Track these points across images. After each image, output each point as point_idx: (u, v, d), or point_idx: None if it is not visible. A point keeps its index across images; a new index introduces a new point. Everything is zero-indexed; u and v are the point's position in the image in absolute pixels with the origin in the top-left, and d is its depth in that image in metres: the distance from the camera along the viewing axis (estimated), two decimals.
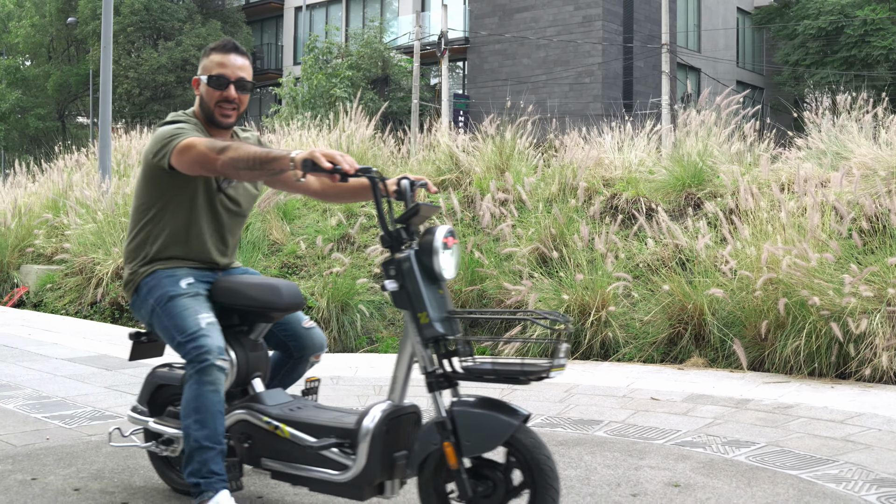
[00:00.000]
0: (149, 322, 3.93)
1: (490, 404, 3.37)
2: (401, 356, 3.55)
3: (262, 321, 3.98)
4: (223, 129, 4.02)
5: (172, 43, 43.95)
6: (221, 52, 3.99)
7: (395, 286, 3.43)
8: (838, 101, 10.67)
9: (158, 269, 3.91)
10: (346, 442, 3.50)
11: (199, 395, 3.60)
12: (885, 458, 4.96)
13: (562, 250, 8.94)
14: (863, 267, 7.29)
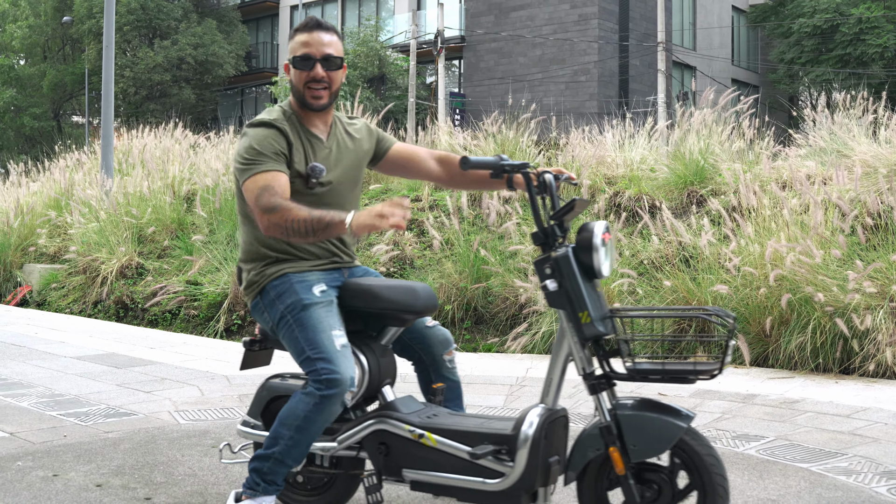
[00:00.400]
0: (272, 328, 3.72)
1: (653, 406, 3.27)
2: (555, 358, 3.40)
3: (396, 325, 3.78)
4: (320, 113, 3.79)
5: (168, 42, 43.97)
6: (305, 31, 3.76)
7: (555, 285, 3.31)
8: (836, 99, 10.74)
9: (288, 273, 3.69)
10: (504, 448, 3.35)
11: (310, 420, 3.46)
12: (893, 451, 5.03)
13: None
14: (867, 263, 7.37)
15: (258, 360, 4.07)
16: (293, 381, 3.94)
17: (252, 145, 3.61)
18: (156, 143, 15.61)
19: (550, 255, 3.33)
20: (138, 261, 11.44)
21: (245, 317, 9.87)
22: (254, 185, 3.54)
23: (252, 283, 3.76)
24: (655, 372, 3.23)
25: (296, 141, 3.69)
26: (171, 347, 8.70)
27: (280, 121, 3.70)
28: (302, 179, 3.67)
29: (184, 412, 6.03)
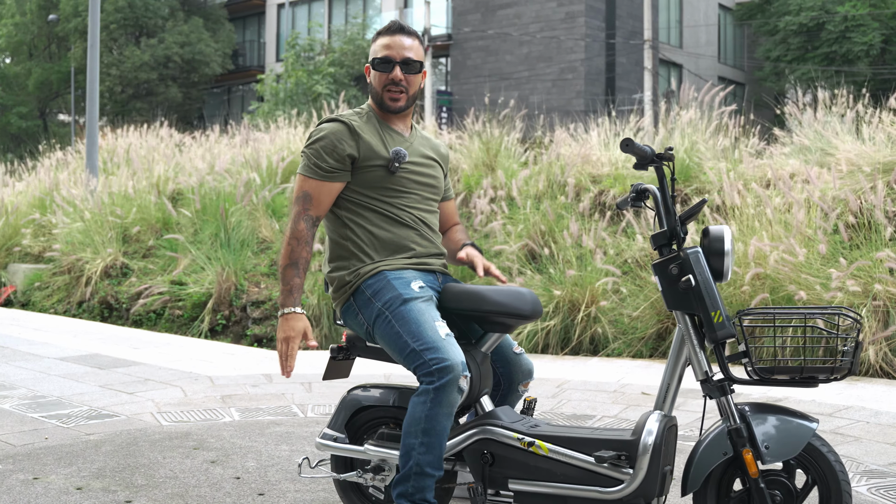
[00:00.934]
0: (367, 331, 3.60)
1: (776, 409, 3.27)
2: (673, 363, 3.36)
3: (500, 330, 3.64)
4: (398, 115, 3.78)
5: (155, 40, 43.85)
6: (387, 34, 3.77)
7: (694, 282, 3.25)
8: (820, 97, 10.76)
9: (384, 270, 3.60)
10: (623, 455, 3.27)
11: (433, 417, 3.33)
12: (874, 449, 5.04)
13: (551, 247, 9.02)
14: (850, 262, 7.39)
15: (340, 370, 3.94)
16: (377, 391, 3.82)
17: (318, 142, 3.65)
18: (141, 143, 15.57)
19: (679, 254, 3.31)
20: (123, 261, 11.41)
21: (230, 317, 9.85)
22: (300, 186, 3.64)
23: (344, 283, 3.65)
24: (786, 372, 3.21)
25: (372, 134, 3.68)
26: (154, 348, 8.68)
27: (350, 117, 3.71)
28: (383, 168, 3.64)
29: (166, 413, 6.01)
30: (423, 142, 3.87)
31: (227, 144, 14.49)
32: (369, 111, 3.77)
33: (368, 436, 3.80)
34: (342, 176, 3.62)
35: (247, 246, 10.65)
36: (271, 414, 6.04)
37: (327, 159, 3.59)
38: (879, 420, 5.68)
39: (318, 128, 3.71)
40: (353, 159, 3.62)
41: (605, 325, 8.25)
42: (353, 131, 3.64)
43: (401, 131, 3.77)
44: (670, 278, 3.31)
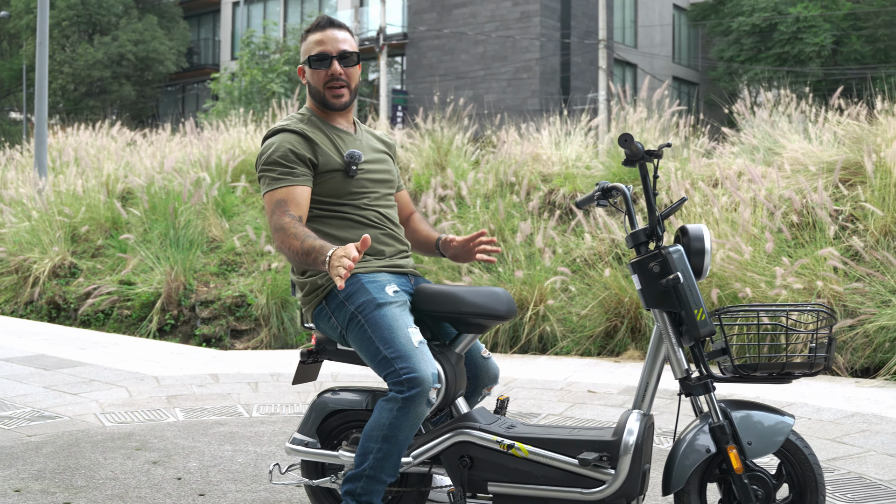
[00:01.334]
0: (340, 334, 3.53)
1: (756, 405, 3.30)
2: (652, 361, 3.36)
3: (474, 331, 3.59)
4: (343, 113, 3.71)
5: (108, 38, 43.46)
6: (317, 30, 3.68)
7: (681, 278, 3.24)
8: (769, 97, 10.87)
9: (357, 273, 3.52)
10: (605, 456, 3.27)
11: (396, 426, 3.28)
12: (815, 445, 5.09)
13: (501, 246, 9.04)
14: (794, 260, 7.46)
15: (308, 374, 3.88)
16: (347, 395, 3.75)
17: (272, 156, 3.53)
18: (91, 141, 15.43)
19: (660, 251, 3.29)
20: (71, 260, 11.30)
21: (179, 317, 9.79)
22: (270, 200, 3.49)
23: (317, 287, 3.57)
24: (765, 368, 3.24)
25: (321, 138, 3.60)
26: (102, 348, 8.60)
27: (296, 124, 3.61)
28: (341, 173, 3.57)
29: (110, 414, 5.96)
30: (369, 137, 3.82)
31: (179, 143, 14.39)
32: (310, 115, 3.69)
33: (340, 440, 3.74)
34: (308, 179, 3.52)
35: (196, 245, 10.59)
36: (216, 414, 6.01)
37: (289, 165, 3.49)
38: (821, 416, 5.75)
39: (267, 142, 3.60)
40: (313, 164, 3.54)
41: (553, 323, 8.28)
42: (307, 138, 3.56)
43: (346, 129, 3.71)
44: (651, 277, 3.31)
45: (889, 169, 8.07)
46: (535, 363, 7.75)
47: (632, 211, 3.40)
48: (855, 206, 8.14)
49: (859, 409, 5.89)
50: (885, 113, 9.15)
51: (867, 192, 8.11)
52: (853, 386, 6.65)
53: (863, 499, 4.20)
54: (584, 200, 3.58)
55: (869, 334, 7.13)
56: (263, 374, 7.30)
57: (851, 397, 6.26)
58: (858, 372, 7.13)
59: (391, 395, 3.28)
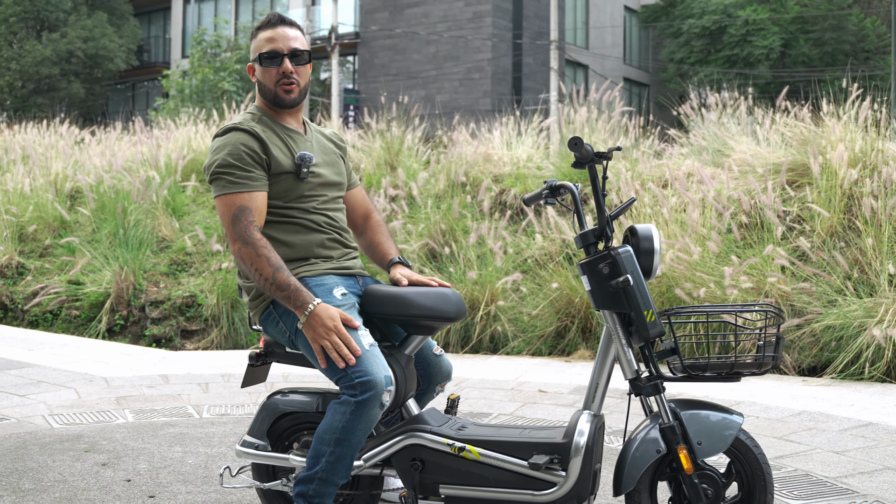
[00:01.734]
0: (289, 339, 3.49)
1: (704, 405, 3.31)
2: (601, 362, 3.36)
3: (423, 333, 3.57)
4: (292, 111, 3.67)
5: (57, 34, 42.90)
6: (268, 27, 3.64)
7: (631, 280, 3.24)
8: (717, 99, 10.97)
9: (305, 277, 3.48)
10: (556, 458, 3.28)
11: (349, 429, 3.26)
12: (763, 443, 5.15)
13: (452, 246, 9.05)
14: (742, 259, 7.55)
15: (258, 376, 3.82)
16: (298, 397, 3.72)
17: (224, 158, 3.46)
18: (39, 139, 15.25)
19: (609, 252, 3.29)
20: (19, 260, 11.17)
21: (128, 317, 9.71)
22: (228, 204, 3.42)
23: (261, 293, 3.52)
24: (714, 368, 3.25)
25: (273, 138, 3.55)
26: (50, 349, 8.51)
27: (248, 122, 3.55)
28: (291, 175, 3.52)
29: (58, 416, 5.90)
30: (319, 137, 3.79)
31: (129, 142, 14.25)
32: (261, 114, 3.64)
33: (291, 442, 3.72)
34: (265, 184, 3.48)
35: (146, 245, 10.50)
36: (166, 415, 5.97)
37: (246, 168, 3.44)
38: (769, 415, 5.82)
39: (219, 141, 3.54)
40: (267, 166, 3.50)
41: (504, 323, 8.31)
42: (259, 139, 3.51)
43: (297, 129, 3.68)
44: (600, 277, 3.31)
45: (835, 170, 8.18)
46: (486, 363, 7.78)
47: (580, 210, 3.41)
48: (802, 207, 8.24)
49: (806, 408, 5.97)
50: (830, 115, 9.27)
51: (814, 193, 8.22)
52: (800, 384, 6.74)
53: (810, 496, 4.26)
54: (532, 198, 3.57)
55: (816, 333, 7.23)
56: (214, 375, 7.26)
57: (798, 396, 6.35)
58: (805, 371, 7.22)
59: (344, 398, 3.26)
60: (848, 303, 7.19)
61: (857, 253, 7.64)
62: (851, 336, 7.01)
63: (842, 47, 38.59)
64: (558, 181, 3.45)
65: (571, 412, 5.92)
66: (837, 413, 5.83)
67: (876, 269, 7.39)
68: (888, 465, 4.72)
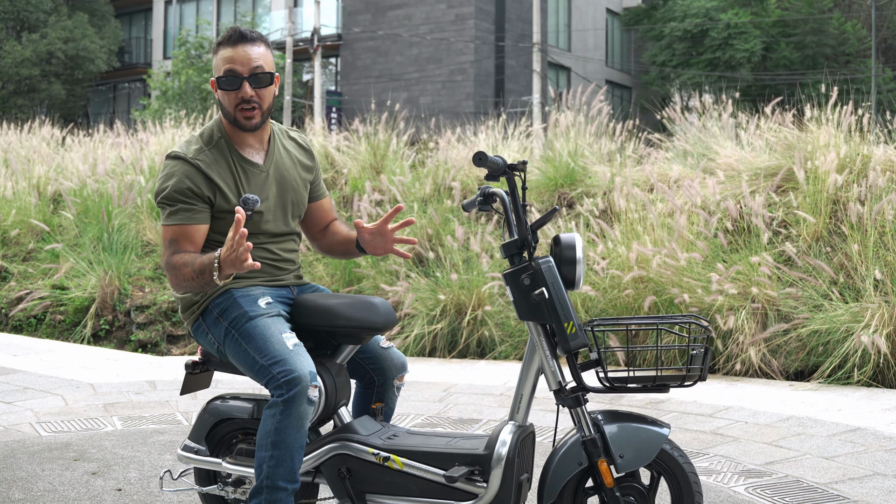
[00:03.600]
0: (218, 349, 3.50)
1: (629, 417, 3.29)
2: (525, 372, 3.35)
3: (353, 343, 3.57)
4: (255, 132, 3.55)
5: (37, 35, 42.69)
6: (228, 45, 3.45)
7: (547, 294, 3.22)
8: (701, 103, 11.00)
9: (231, 288, 3.46)
10: (476, 469, 3.27)
11: (282, 429, 3.23)
12: (752, 449, 5.17)
13: (437, 250, 9.05)
14: (728, 266, 7.57)
15: (199, 383, 3.81)
16: (236, 402, 3.72)
17: (167, 185, 3.40)
18: (21, 142, 15.16)
19: (531, 264, 3.26)
20: (2, 264, 11.11)
21: (113, 322, 9.66)
22: (164, 236, 3.41)
23: (192, 303, 3.52)
24: (638, 381, 3.23)
25: (224, 173, 3.45)
26: (35, 355, 8.46)
27: (201, 152, 3.44)
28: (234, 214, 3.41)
29: (46, 423, 5.87)
30: (283, 158, 3.65)
31: (112, 145, 14.18)
32: (220, 136, 3.53)
33: (230, 447, 3.74)
34: (206, 216, 3.43)
35: (130, 249, 10.45)
36: (155, 422, 5.94)
37: (186, 201, 3.39)
38: (757, 420, 5.84)
39: (167, 168, 3.46)
40: (210, 201, 3.44)
41: (491, 328, 8.31)
42: (204, 175, 3.43)
43: (255, 156, 3.55)
44: (522, 289, 3.28)
45: (820, 176, 8.22)
46: (473, 368, 7.78)
47: (510, 218, 3.35)
48: (787, 213, 8.27)
49: (794, 413, 5.99)
50: (815, 121, 9.31)
51: (799, 198, 8.25)
52: (788, 389, 6.76)
53: (801, 502, 4.27)
54: (468, 204, 3.52)
55: (802, 338, 7.26)
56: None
57: (786, 401, 6.37)
58: (793, 375, 7.25)
59: (272, 400, 3.26)
60: (834, 307, 7.22)
61: (842, 258, 7.67)
62: (838, 341, 7.04)
63: (823, 51, 38.81)
64: (491, 188, 3.38)
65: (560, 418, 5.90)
66: (826, 418, 5.85)
67: (862, 274, 7.42)
68: (878, 470, 4.74)
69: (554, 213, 3.34)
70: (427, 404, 6.42)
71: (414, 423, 5.91)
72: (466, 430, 5.73)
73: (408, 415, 6.11)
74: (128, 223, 10.77)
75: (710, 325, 3.26)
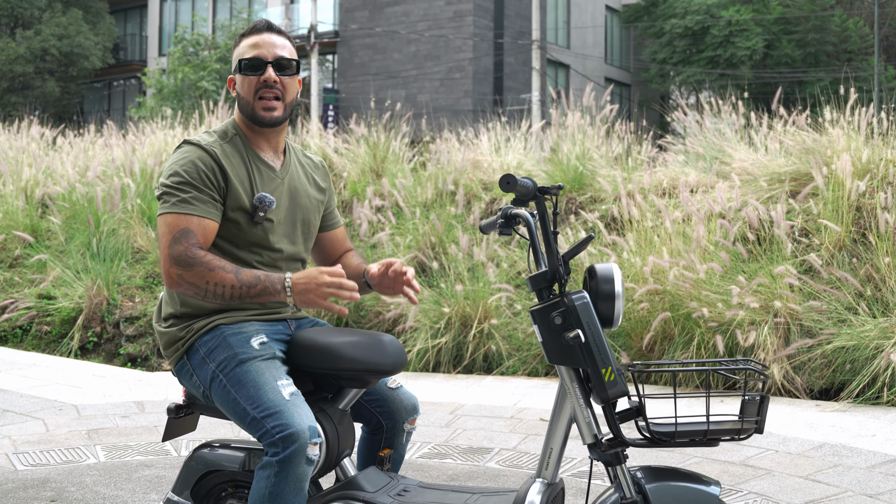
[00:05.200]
0: (204, 393, 3.10)
1: (674, 474, 2.88)
2: (555, 425, 2.93)
3: (358, 386, 3.18)
4: (271, 136, 3.24)
5: (31, 32, 42.27)
6: (253, 33, 3.22)
7: (584, 337, 2.79)
8: (707, 102, 10.62)
9: (221, 325, 3.09)
10: None
11: (278, 494, 2.85)
12: (787, 485, 4.79)
13: (441, 259, 8.65)
14: (749, 277, 7.18)
15: (182, 427, 3.39)
16: (226, 452, 3.30)
17: (179, 170, 3.05)
18: (9, 143, 14.73)
19: (563, 300, 2.83)
20: None
21: (102, 334, 9.24)
22: (171, 224, 3.00)
23: (176, 339, 3.13)
24: (686, 435, 2.78)
25: (238, 168, 3.12)
26: (18, 370, 8.04)
27: (217, 144, 3.13)
28: (245, 213, 3.11)
29: (24, 454, 5.44)
30: (299, 171, 3.32)
31: (102, 146, 13.73)
32: (235, 132, 3.20)
33: (218, 502, 3.32)
34: (219, 215, 3.07)
35: (120, 256, 10.03)
36: (141, 452, 5.53)
37: (203, 190, 3.03)
38: (788, 448, 5.45)
39: (179, 153, 3.11)
40: (223, 194, 3.08)
41: (498, 341, 7.91)
42: (219, 165, 3.09)
43: (271, 161, 3.22)
44: (552, 328, 2.84)
45: (841, 181, 7.82)
46: (480, 385, 7.38)
47: (536, 244, 2.92)
48: (807, 220, 7.88)
49: (827, 439, 5.60)
50: (832, 123, 8.91)
51: (819, 205, 7.86)
52: (815, 410, 6.37)
53: None
54: (487, 225, 3.12)
55: (827, 355, 6.87)
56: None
57: (815, 424, 5.97)
58: (817, 394, 6.86)
59: (265, 460, 2.87)
60: (861, 322, 6.83)
61: (870, 269, 7.28)
62: (867, 358, 6.65)
63: (825, 48, 38.46)
64: (515, 209, 2.95)
65: (577, 446, 5.50)
66: (861, 446, 5.46)
67: (891, 287, 7.03)
68: None
69: (589, 241, 2.89)
70: (433, 430, 6.01)
71: (420, 451, 5.52)
72: (478, 460, 5.34)
73: (414, 442, 5.72)
74: (117, 229, 10.35)
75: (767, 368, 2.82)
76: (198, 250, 2.96)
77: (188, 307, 3.13)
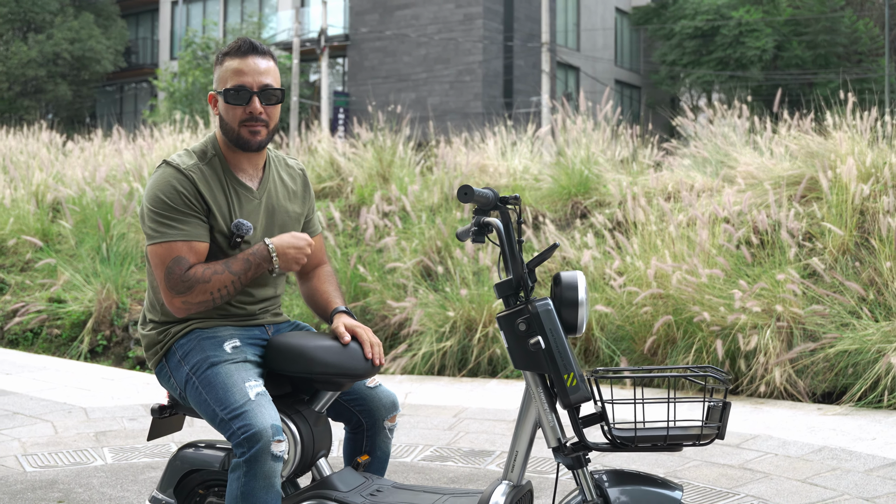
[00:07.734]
0: (180, 394, 3.20)
1: (636, 478, 2.94)
2: (521, 428, 3.00)
3: (332, 389, 3.26)
4: (251, 155, 3.27)
5: (43, 36, 42.48)
6: (237, 55, 3.18)
7: (545, 344, 2.86)
8: (715, 106, 10.65)
9: (196, 329, 3.18)
10: None
11: (249, 493, 2.91)
12: (785, 488, 4.83)
13: (447, 263, 8.72)
14: (752, 282, 7.22)
15: (169, 426, 3.50)
16: (208, 452, 3.37)
17: (159, 195, 3.09)
18: (21, 147, 14.84)
19: (527, 307, 2.90)
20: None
21: (111, 337, 9.34)
22: (162, 256, 3.07)
23: (155, 342, 3.22)
24: (647, 439, 2.85)
25: (217, 193, 3.16)
26: (28, 373, 8.13)
27: (195, 167, 3.15)
28: (224, 237, 3.16)
29: (32, 456, 5.53)
30: (277, 187, 3.35)
31: (112, 151, 13.83)
32: (214, 153, 3.22)
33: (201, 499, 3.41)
34: (206, 234, 3.14)
35: (130, 260, 10.11)
36: (148, 455, 5.60)
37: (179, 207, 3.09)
38: (788, 451, 5.49)
39: (158, 176, 3.15)
40: (200, 208, 3.13)
41: (503, 345, 7.96)
42: (196, 187, 3.13)
43: (249, 181, 3.25)
44: (517, 334, 2.91)
45: (845, 185, 7.86)
46: (485, 388, 7.44)
47: (506, 252, 2.97)
48: (811, 224, 7.92)
49: (826, 443, 5.64)
50: (836, 127, 8.95)
51: (823, 209, 7.90)
52: (816, 414, 6.41)
53: None
54: (462, 233, 3.15)
55: (830, 359, 6.91)
56: None
57: (816, 428, 6.02)
58: (820, 397, 6.90)
59: (234, 461, 2.95)
60: (864, 326, 6.87)
61: (872, 273, 7.32)
62: (869, 362, 6.69)
63: (835, 49, 38.40)
64: (487, 218, 2.99)
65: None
66: (860, 449, 5.50)
67: (894, 291, 7.07)
68: None
69: (553, 249, 2.96)
70: (436, 432, 6.08)
71: (423, 454, 5.59)
72: (479, 463, 5.40)
73: (416, 445, 5.78)
74: (127, 233, 10.44)
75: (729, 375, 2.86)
76: (189, 271, 3.05)
77: (167, 315, 3.21)
